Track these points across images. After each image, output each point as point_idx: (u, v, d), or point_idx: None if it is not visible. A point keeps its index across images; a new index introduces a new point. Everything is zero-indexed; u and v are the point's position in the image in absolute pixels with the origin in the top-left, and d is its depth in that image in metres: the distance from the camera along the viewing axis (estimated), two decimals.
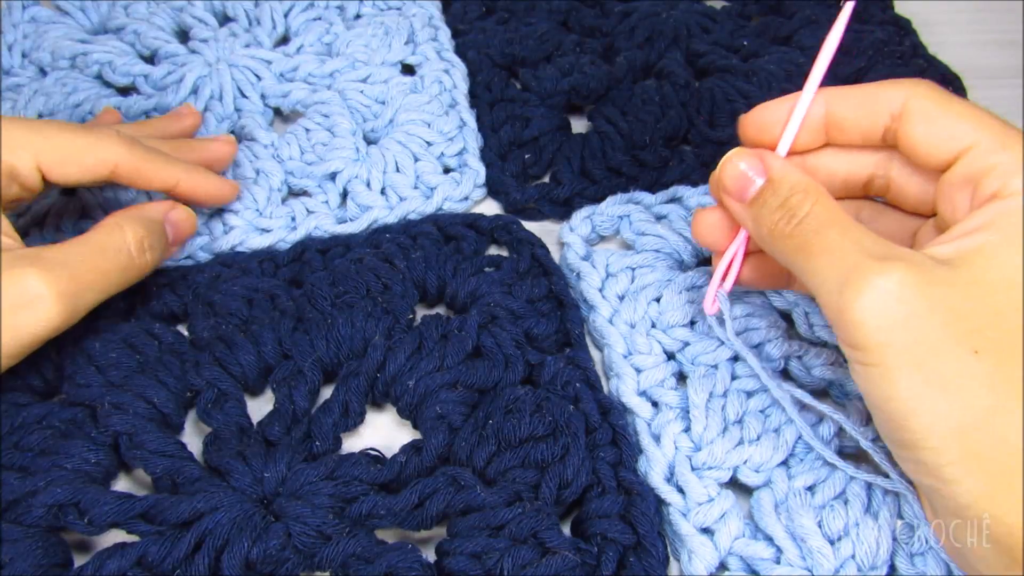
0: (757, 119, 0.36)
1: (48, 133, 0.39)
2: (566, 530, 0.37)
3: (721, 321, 0.39)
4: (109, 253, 0.38)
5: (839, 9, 0.34)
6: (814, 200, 0.33)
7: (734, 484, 0.38)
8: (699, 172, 0.50)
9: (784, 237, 0.33)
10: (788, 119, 0.35)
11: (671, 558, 0.37)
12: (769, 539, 0.36)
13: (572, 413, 0.38)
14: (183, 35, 0.57)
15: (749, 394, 0.40)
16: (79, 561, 0.34)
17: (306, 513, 0.34)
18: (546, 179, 0.52)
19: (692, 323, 0.43)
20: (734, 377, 0.41)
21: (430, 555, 0.35)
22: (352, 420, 0.39)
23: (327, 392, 0.40)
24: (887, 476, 0.35)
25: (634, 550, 0.35)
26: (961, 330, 0.29)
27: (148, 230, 0.40)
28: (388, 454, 0.38)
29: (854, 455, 0.39)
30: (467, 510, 0.35)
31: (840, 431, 0.38)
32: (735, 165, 0.35)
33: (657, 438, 0.39)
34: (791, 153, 0.36)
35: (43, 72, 0.54)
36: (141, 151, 0.41)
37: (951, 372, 0.29)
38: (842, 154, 0.37)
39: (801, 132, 0.36)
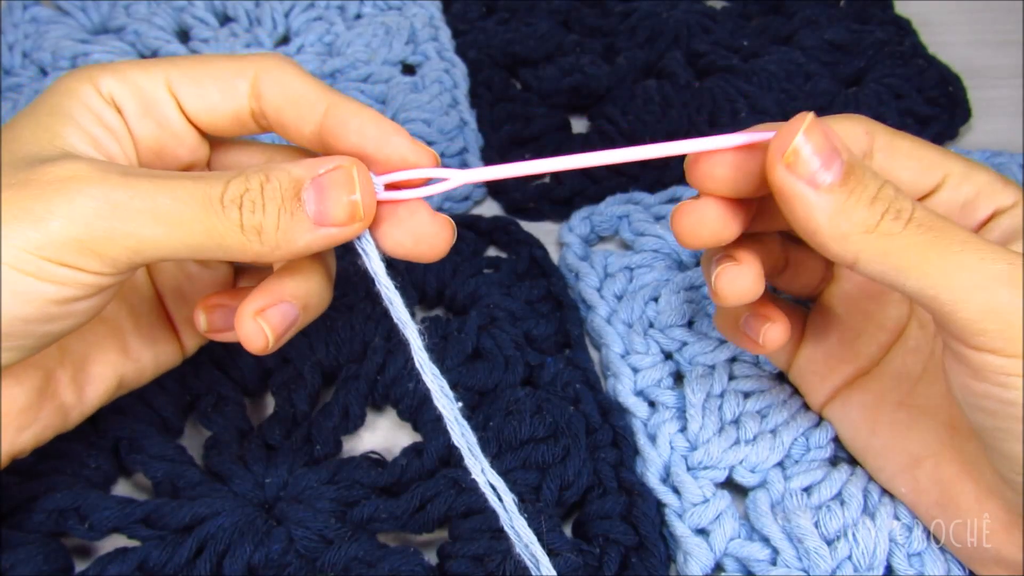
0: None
1: (182, 58, 0.30)
2: (568, 531, 0.37)
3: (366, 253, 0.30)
4: (185, 193, 0.26)
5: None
6: (909, 196, 0.29)
7: (730, 485, 0.38)
8: None
9: (893, 236, 0.28)
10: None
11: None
12: (765, 540, 0.36)
13: (572, 414, 0.38)
14: (183, 35, 0.57)
15: (746, 394, 0.40)
16: (80, 566, 0.34)
17: (308, 517, 0.34)
18: (546, 179, 0.52)
19: (690, 323, 0.43)
20: (731, 378, 0.41)
21: (432, 558, 0.35)
22: (352, 423, 0.39)
23: (327, 395, 0.40)
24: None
25: (636, 551, 0.35)
26: None
27: (256, 185, 0.27)
28: (389, 457, 0.38)
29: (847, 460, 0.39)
30: (469, 512, 0.35)
31: (835, 438, 0.39)
32: (816, 134, 0.27)
33: (653, 438, 0.39)
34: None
35: (44, 72, 0.54)
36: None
37: None
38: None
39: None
